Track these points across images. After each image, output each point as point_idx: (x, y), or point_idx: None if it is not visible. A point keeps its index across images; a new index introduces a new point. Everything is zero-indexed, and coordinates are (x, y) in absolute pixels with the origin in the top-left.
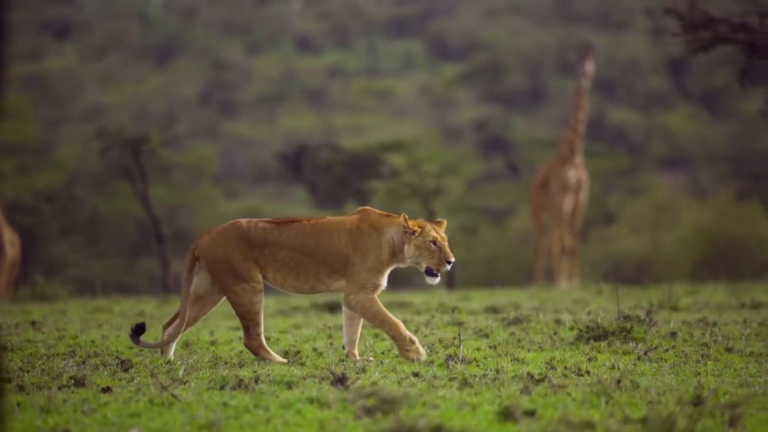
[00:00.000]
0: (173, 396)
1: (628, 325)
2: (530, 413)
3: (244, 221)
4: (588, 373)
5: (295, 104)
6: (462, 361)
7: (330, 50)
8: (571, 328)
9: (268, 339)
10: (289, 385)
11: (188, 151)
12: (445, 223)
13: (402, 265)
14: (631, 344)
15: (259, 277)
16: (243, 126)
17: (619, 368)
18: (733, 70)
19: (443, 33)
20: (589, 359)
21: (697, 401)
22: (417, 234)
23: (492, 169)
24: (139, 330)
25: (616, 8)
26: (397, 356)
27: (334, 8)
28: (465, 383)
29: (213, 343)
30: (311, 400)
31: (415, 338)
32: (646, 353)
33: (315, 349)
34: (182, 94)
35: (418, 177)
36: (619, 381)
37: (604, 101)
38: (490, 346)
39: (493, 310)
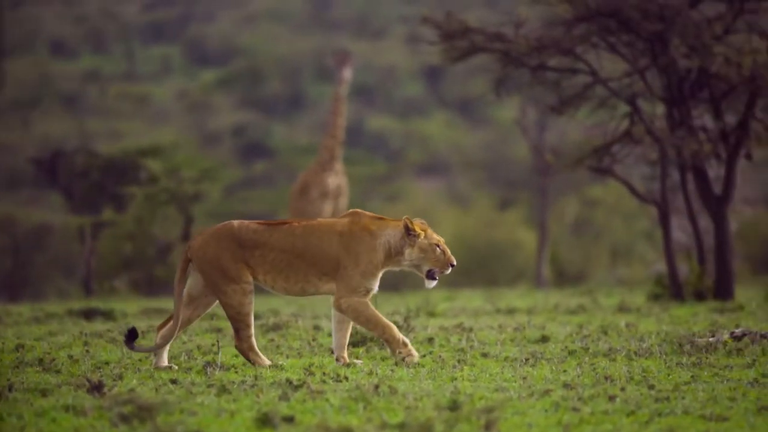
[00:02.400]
0: None
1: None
2: (289, 419)
3: (235, 222)
4: (346, 378)
5: (49, 109)
6: (220, 367)
7: (86, 54)
8: (330, 335)
9: (21, 346)
10: (44, 393)
11: None
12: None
13: (395, 268)
14: (389, 350)
15: (249, 278)
16: None
17: (377, 374)
18: (488, 79)
19: (201, 38)
20: (348, 365)
21: (454, 406)
22: (421, 237)
23: (251, 175)
24: (132, 335)
25: (374, 16)
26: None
27: (89, 12)
28: (223, 390)
29: None
30: (67, 408)
31: (407, 341)
32: (404, 359)
33: (71, 357)
34: None
35: (176, 182)
36: (377, 386)
37: (363, 108)
38: None
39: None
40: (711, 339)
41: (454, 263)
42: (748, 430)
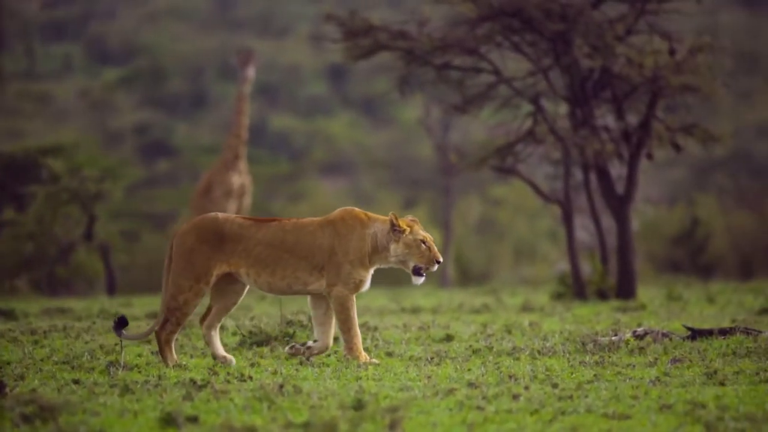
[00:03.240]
0: None
1: (291, 331)
2: (193, 419)
3: (221, 215)
4: (251, 378)
5: None
6: (124, 367)
7: None
8: (234, 334)
9: None
10: None
11: None
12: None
13: (384, 266)
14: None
15: (210, 282)
16: None
17: (281, 373)
18: (392, 78)
19: (102, 36)
20: (252, 365)
21: (359, 405)
22: (407, 233)
23: (154, 174)
24: (121, 323)
25: (278, 14)
26: (57, 363)
27: None
28: (126, 390)
29: None
30: None
31: (366, 358)
32: (308, 358)
33: None
34: None
35: (78, 181)
36: (281, 386)
37: (266, 107)
38: (152, 353)
39: (155, 316)
40: (613, 338)
41: (440, 260)
42: (650, 428)
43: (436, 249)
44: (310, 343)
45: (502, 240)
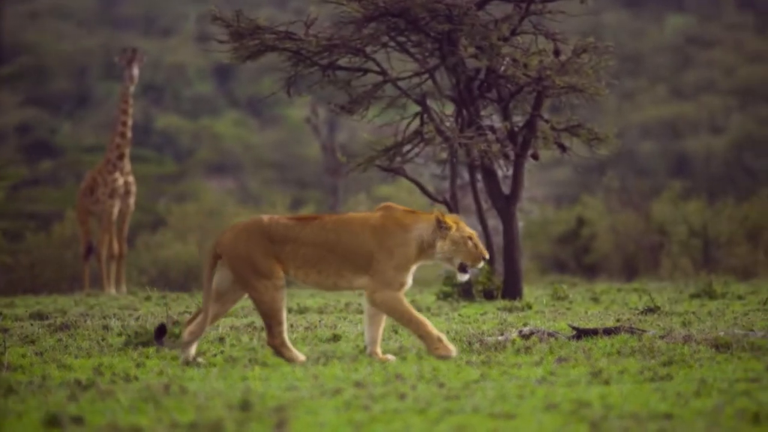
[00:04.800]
0: None
1: (177, 331)
2: (77, 420)
3: (265, 217)
4: (136, 378)
5: None
6: (7, 368)
7: None
8: (120, 334)
9: None
10: None
11: None
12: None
13: (428, 262)
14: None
15: (281, 273)
16: None
17: (167, 374)
18: (279, 78)
19: None
20: (138, 365)
21: (245, 405)
22: (453, 230)
23: (37, 173)
24: (161, 331)
25: (163, 14)
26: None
27: None
28: (10, 390)
29: None
30: None
31: (443, 336)
32: (194, 358)
33: None
34: None
35: None
36: (167, 386)
37: (152, 106)
38: (36, 353)
39: (39, 316)
40: (500, 338)
41: (487, 257)
42: (536, 427)
43: (482, 246)
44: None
45: None
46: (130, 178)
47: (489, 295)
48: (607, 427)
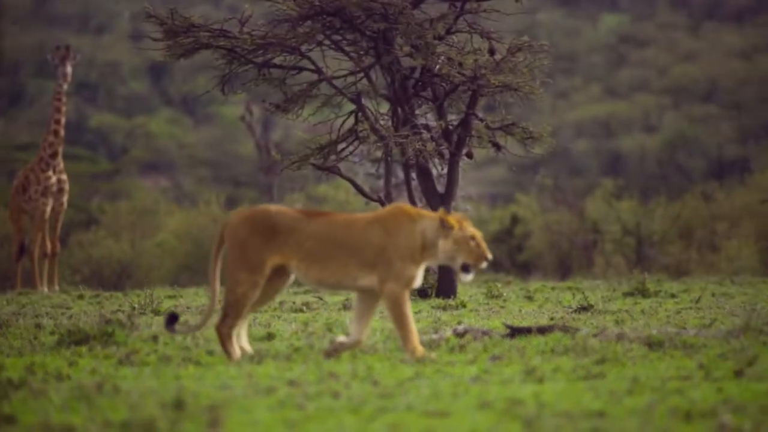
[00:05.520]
0: None
1: (110, 329)
2: (9, 419)
3: (273, 207)
4: (69, 377)
5: None
6: None
7: None
8: (52, 333)
9: None
10: None
11: None
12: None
13: (432, 262)
14: (113, 348)
15: (266, 272)
16: None
17: (100, 372)
18: (213, 76)
19: None
20: (70, 364)
21: (178, 404)
22: (456, 229)
23: None
24: (172, 319)
25: (97, 11)
26: None
27: None
28: None
29: None
30: None
31: (422, 353)
32: (127, 357)
33: None
34: None
35: None
36: (100, 385)
37: (85, 104)
38: None
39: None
40: (434, 336)
41: (489, 257)
42: (470, 425)
43: (485, 246)
44: (341, 338)
45: None
46: (63, 177)
47: (423, 294)
48: (540, 425)
